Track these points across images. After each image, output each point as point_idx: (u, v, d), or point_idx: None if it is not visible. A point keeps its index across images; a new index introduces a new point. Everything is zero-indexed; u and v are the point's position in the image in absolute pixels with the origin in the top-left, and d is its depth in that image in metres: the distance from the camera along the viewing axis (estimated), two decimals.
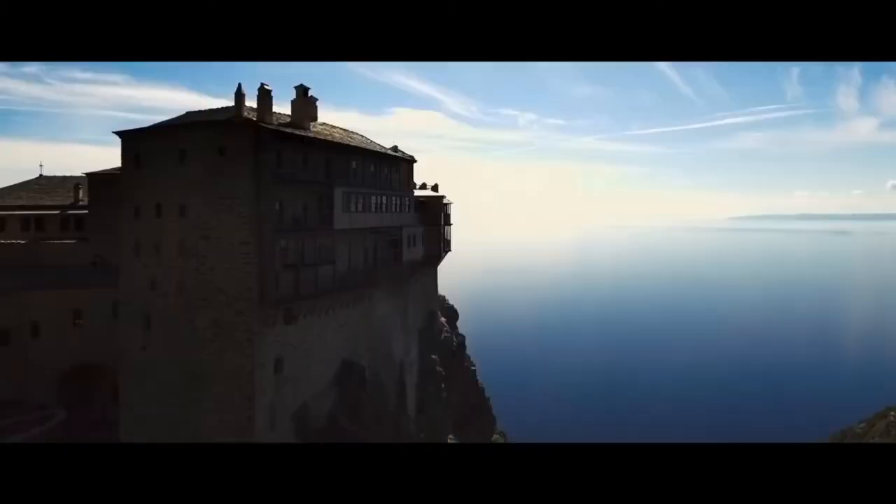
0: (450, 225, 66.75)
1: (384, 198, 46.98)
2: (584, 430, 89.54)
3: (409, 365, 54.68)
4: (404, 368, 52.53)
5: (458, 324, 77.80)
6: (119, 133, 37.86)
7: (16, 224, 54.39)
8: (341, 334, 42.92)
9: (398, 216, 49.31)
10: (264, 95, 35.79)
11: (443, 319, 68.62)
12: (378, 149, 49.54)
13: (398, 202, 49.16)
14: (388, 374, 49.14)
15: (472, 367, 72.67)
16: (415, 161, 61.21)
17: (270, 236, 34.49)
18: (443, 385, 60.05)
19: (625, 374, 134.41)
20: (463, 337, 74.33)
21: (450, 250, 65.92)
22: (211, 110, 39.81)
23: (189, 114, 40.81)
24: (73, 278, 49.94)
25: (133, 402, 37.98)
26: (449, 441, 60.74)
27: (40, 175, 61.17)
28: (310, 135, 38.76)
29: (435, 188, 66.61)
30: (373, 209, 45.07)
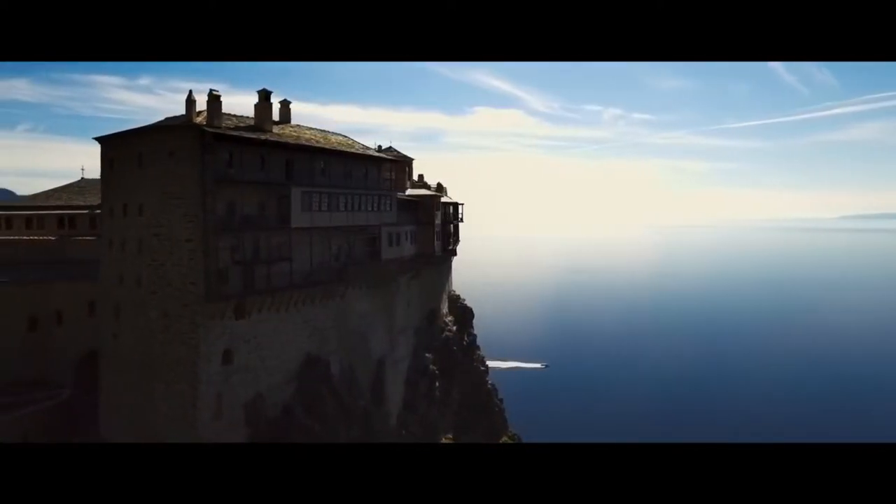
0: (453, 223, 66.71)
1: (357, 197, 47.84)
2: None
3: (395, 362, 55.29)
4: (386, 365, 53.21)
5: (475, 322, 77.49)
6: (98, 139, 41.40)
7: (53, 222, 60.63)
8: (305, 330, 44.30)
9: (376, 215, 50.02)
10: (213, 101, 37.81)
11: (448, 318, 68.64)
12: (359, 150, 50.60)
13: (375, 201, 49.87)
14: (363, 371, 50.05)
15: (482, 368, 72.11)
16: (410, 160, 61.79)
17: (212, 234, 36.37)
18: (437, 383, 60.16)
19: (714, 376, 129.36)
20: (474, 336, 73.98)
21: (451, 248, 65.86)
22: (181, 116, 42.45)
23: (167, 119, 43.77)
24: (91, 272, 55.16)
25: (108, 387, 41.44)
26: (444, 440, 60.89)
27: (81, 178, 67.71)
28: (261, 136, 40.37)
29: (439, 188, 66.80)
30: (341, 208, 46.08)
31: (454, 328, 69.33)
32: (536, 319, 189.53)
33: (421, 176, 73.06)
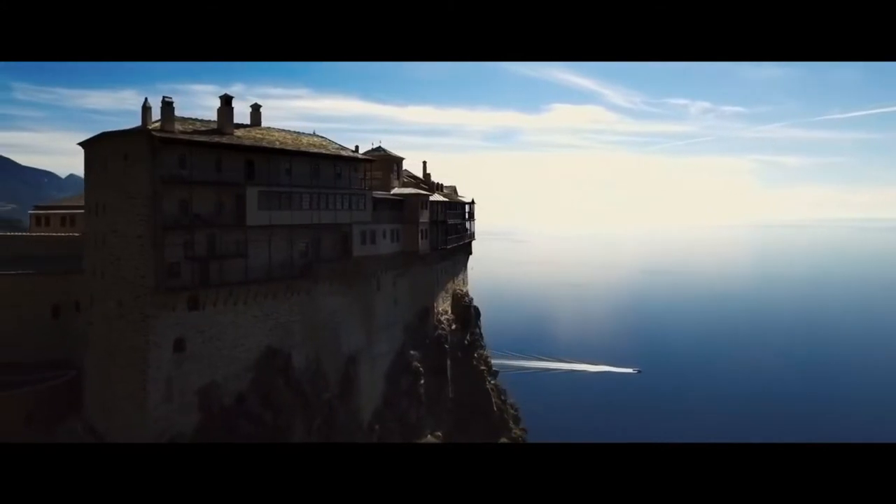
0: (457, 222, 66.83)
1: (325, 196, 49.34)
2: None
3: (372, 358, 56.41)
4: (361, 361, 54.44)
5: (482, 323, 77.22)
6: (80, 143, 45.58)
7: (82, 220, 66.99)
8: (266, 323, 46.36)
9: (346, 213, 51.32)
10: (166, 107, 40.69)
11: (445, 317, 68.89)
12: (332, 151, 52.21)
13: (346, 200, 51.18)
14: (332, 365, 51.55)
15: (482, 368, 71.78)
16: (399, 160, 62.75)
17: (161, 231, 39.15)
18: (421, 381, 60.72)
19: (817, 387, 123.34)
20: (477, 336, 73.79)
21: (443, 246, 66.10)
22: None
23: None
24: None
25: (88, 369, 45.59)
26: (430, 438, 61.40)
27: None
28: (213, 139, 42.78)
29: (434, 186, 67.20)
30: (305, 207, 47.75)
31: (452, 327, 69.52)
32: (622, 322, 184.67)
33: (428, 175, 73.82)
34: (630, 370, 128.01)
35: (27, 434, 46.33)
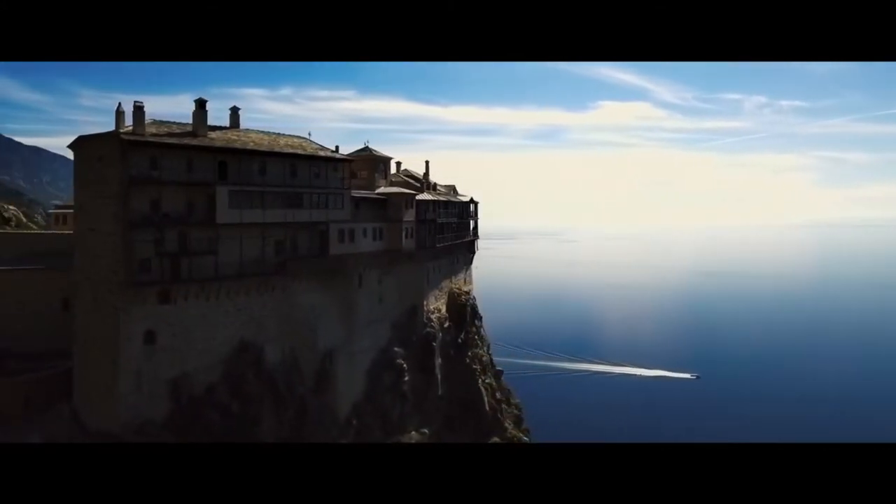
0: (454, 221, 67.09)
1: (300, 195, 50.73)
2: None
3: (352, 354, 57.50)
4: (339, 356, 55.63)
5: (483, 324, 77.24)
6: (69, 146, 48.58)
7: None
8: (238, 317, 48.13)
9: (322, 212, 52.58)
10: (137, 111, 42.97)
11: (435, 315, 69.32)
12: (308, 152, 53.65)
13: (323, 199, 52.44)
14: (308, 360, 52.95)
15: (474, 367, 71.87)
16: (386, 159, 63.66)
17: (129, 229, 41.42)
18: (405, 378, 61.45)
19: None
20: (473, 335, 73.88)
21: (432, 245, 66.49)
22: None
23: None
24: None
25: (75, 359, 48.58)
26: (415, 433, 62.12)
27: None
28: (182, 141, 44.79)
29: (425, 186, 67.69)
30: (279, 206, 49.26)
31: (445, 325, 69.89)
32: (677, 325, 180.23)
33: (426, 174, 74.46)
34: (688, 375, 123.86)
35: (25, 416, 49.81)
